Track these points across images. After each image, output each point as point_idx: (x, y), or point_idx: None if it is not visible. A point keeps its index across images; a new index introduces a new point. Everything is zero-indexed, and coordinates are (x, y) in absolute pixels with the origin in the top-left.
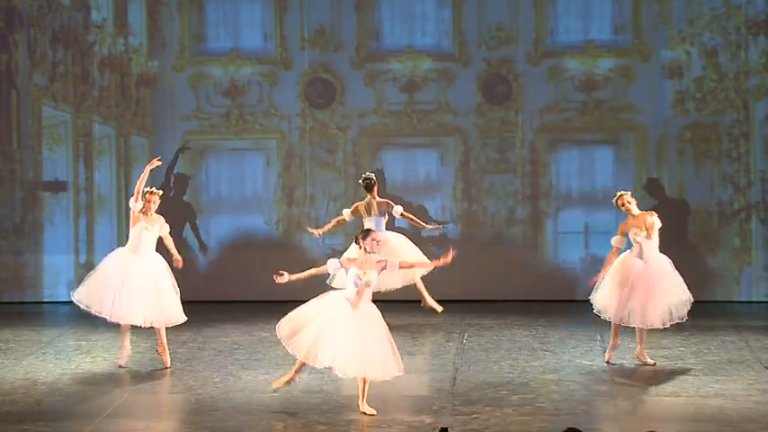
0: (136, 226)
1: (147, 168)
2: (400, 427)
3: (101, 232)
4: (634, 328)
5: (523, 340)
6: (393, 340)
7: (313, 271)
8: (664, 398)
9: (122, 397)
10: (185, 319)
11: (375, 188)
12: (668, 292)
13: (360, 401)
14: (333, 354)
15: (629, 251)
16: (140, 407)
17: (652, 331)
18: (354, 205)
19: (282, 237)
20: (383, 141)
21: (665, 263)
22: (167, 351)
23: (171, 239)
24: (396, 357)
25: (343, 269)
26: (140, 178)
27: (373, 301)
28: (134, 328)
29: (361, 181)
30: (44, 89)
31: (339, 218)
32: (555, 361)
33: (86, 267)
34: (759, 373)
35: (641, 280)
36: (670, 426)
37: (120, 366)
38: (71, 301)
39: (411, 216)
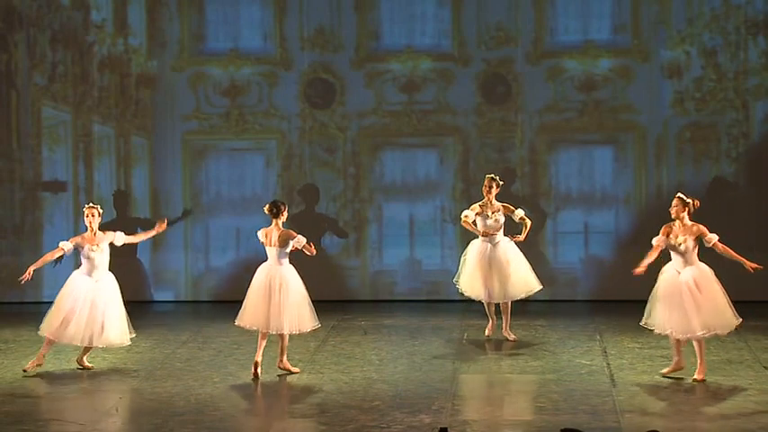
0: (83, 249)
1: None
2: (400, 427)
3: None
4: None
5: (523, 340)
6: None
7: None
8: (663, 397)
9: (122, 397)
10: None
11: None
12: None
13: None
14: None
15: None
16: (140, 407)
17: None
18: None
19: None
20: (383, 141)
21: (698, 274)
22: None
23: (130, 237)
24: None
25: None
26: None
27: (378, 301)
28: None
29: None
30: (44, 89)
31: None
32: (554, 361)
33: None
34: (758, 372)
35: (675, 291)
36: (670, 425)
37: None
38: None
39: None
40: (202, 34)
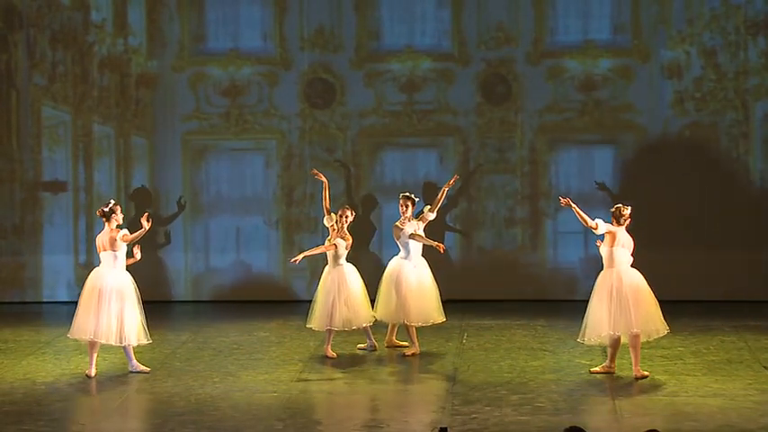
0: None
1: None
2: (400, 427)
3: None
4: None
5: (523, 340)
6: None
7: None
8: (663, 398)
9: (122, 397)
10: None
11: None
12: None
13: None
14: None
15: None
16: (140, 407)
17: None
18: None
19: (282, 237)
20: (383, 141)
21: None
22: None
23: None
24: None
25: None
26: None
27: None
28: None
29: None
30: (44, 89)
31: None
32: (554, 361)
33: (86, 267)
34: (758, 372)
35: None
36: (670, 426)
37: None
38: (70, 301)
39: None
40: (202, 34)
